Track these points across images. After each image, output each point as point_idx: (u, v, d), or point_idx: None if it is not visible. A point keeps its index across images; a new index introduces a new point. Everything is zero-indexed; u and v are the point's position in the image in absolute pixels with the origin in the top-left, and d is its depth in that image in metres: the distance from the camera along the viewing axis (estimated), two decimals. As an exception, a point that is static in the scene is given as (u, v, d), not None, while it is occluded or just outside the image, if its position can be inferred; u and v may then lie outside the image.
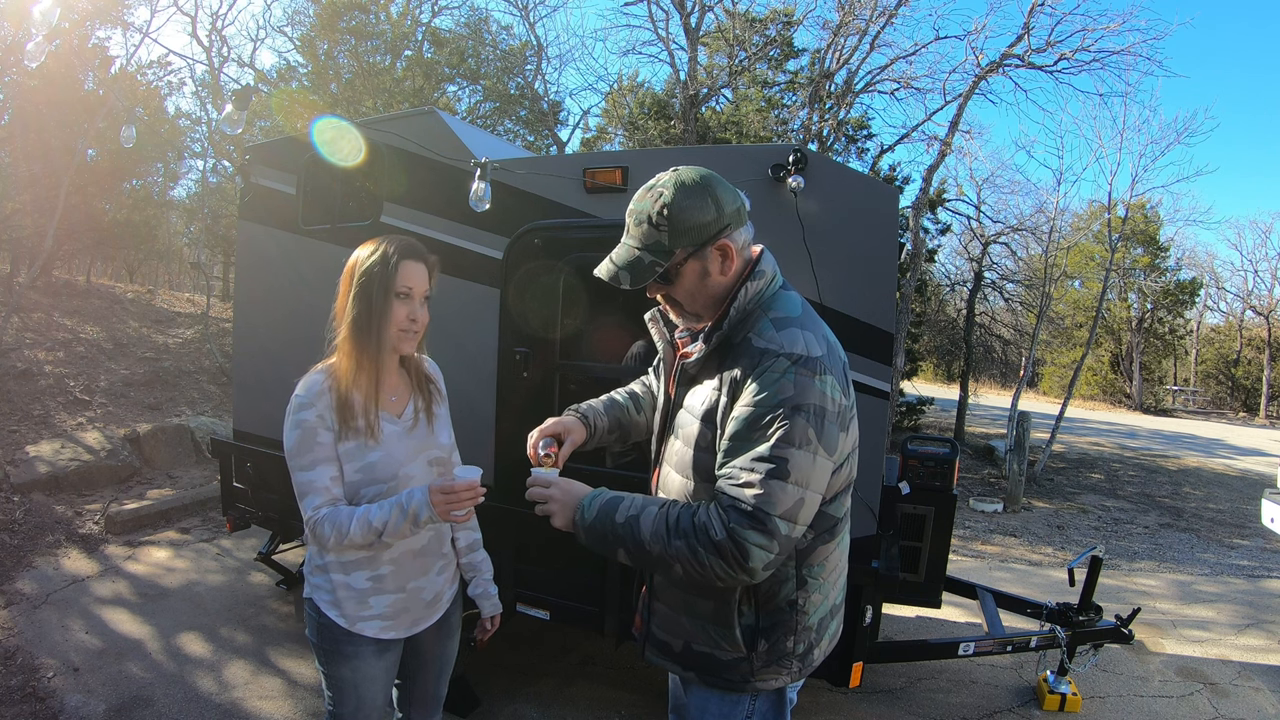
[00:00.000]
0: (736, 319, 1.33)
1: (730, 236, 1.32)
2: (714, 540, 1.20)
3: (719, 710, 1.43)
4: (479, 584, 1.91)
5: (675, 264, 1.31)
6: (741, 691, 1.41)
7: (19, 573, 4.26)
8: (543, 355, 2.93)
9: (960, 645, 3.14)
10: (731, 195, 1.33)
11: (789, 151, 2.52)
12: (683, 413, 1.42)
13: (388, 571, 1.66)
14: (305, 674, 3.32)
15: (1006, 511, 8.03)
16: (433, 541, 1.75)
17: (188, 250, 18.13)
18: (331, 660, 1.68)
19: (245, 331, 3.90)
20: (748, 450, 1.22)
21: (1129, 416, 20.43)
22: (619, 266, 1.34)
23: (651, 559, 1.28)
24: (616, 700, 3.23)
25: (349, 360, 1.59)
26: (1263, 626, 4.52)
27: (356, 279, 1.60)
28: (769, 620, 1.37)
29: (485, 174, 2.77)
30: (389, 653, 1.71)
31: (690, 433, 1.37)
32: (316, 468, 1.56)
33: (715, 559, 1.20)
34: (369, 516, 1.51)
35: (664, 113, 13.14)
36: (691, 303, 1.37)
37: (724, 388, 1.30)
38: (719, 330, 1.33)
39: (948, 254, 17.62)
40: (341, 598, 1.65)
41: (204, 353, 9.35)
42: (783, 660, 1.38)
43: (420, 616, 1.74)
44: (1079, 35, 9.59)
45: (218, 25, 12.12)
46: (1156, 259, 21.93)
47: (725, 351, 1.34)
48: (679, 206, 1.28)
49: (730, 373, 1.29)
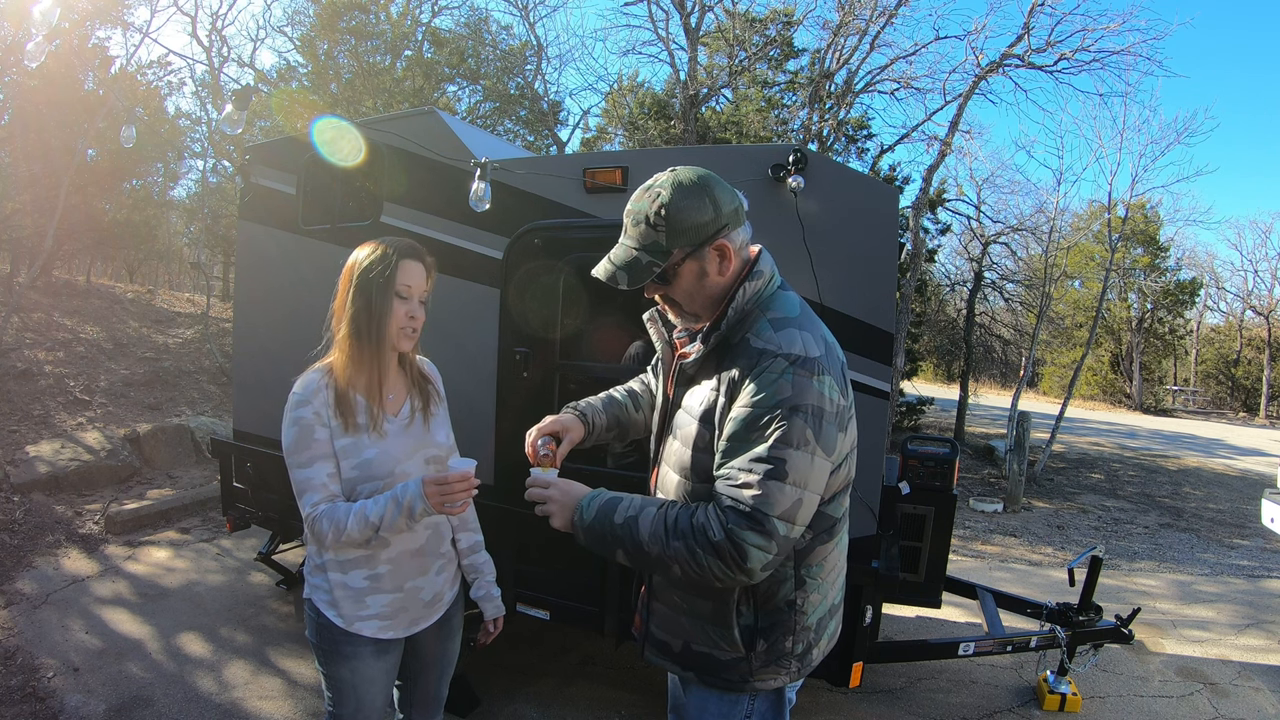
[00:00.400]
0: (734, 319, 1.32)
1: (728, 236, 1.31)
2: (712, 541, 1.20)
3: (718, 710, 1.43)
4: (481, 585, 1.91)
5: (673, 264, 1.31)
6: (740, 691, 1.41)
7: (19, 573, 4.26)
8: (543, 355, 2.93)
9: (960, 645, 3.14)
10: (729, 195, 1.33)
11: (789, 151, 2.52)
12: (681, 413, 1.42)
13: (385, 571, 1.66)
14: (305, 674, 3.32)
15: (1006, 511, 8.03)
16: (431, 541, 1.74)
17: (188, 250, 18.13)
18: (330, 660, 1.67)
19: (245, 331, 3.90)
20: (745, 451, 1.22)
21: (1129, 416, 20.43)
22: (617, 267, 1.34)
23: (650, 560, 1.28)
24: (616, 700, 3.23)
25: (347, 357, 1.60)
26: (1263, 626, 4.52)
27: (356, 278, 1.61)
28: (767, 620, 1.37)
29: (485, 174, 2.77)
30: (388, 654, 1.71)
31: (688, 433, 1.37)
32: (314, 464, 1.57)
33: (713, 560, 1.21)
34: (365, 511, 1.51)
35: (664, 113, 13.13)
36: (690, 303, 1.38)
37: (722, 388, 1.30)
38: (717, 330, 1.33)
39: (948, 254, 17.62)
40: (339, 597, 1.64)
41: (204, 353, 9.35)
42: (781, 660, 1.38)
43: (419, 616, 1.73)
44: (1079, 35, 9.59)
45: (218, 25, 12.13)
46: (1156, 259, 21.91)
47: (723, 352, 1.34)
48: (676, 206, 1.28)
49: (728, 373, 1.29)
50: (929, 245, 13.19)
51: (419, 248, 1.67)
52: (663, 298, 1.41)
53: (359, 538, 1.52)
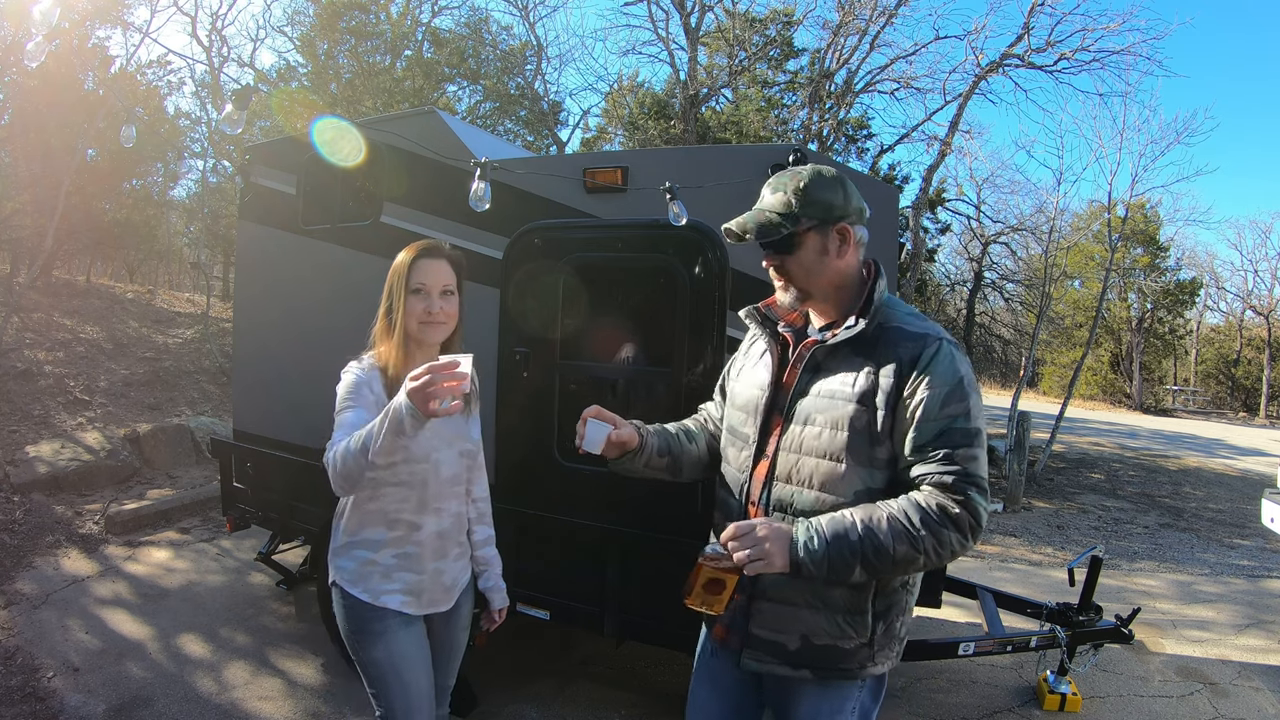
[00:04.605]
0: (878, 308, 1.43)
1: (852, 225, 1.45)
2: (952, 516, 1.29)
3: (831, 706, 1.46)
4: (490, 577, 2.00)
5: (800, 231, 1.42)
6: (855, 679, 1.45)
7: (19, 573, 4.26)
8: (543, 355, 2.93)
9: (960, 645, 3.14)
10: (859, 197, 1.47)
11: (789, 151, 2.52)
12: (814, 399, 1.43)
13: (415, 551, 1.74)
14: (305, 674, 3.32)
15: (1006, 511, 8.02)
16: (454, 526, 1.84)
17: (188, 250, 18.10)
18: (363, 644, 1.73)
19: (245, 331, 3.90)
20: (949, 425, 1.32)
21: (1129, 416, 20.42)
22: (749, 222, 1.44)
23: (894, 561, 1.30)
24: (616, 700, 3.23)
25: (383, 347, 1.74)
26: (1263, 626, 4.52)
27: (387, 279, 1.76)
28: (885, 603, 1.43)
29: (485, 174, 2.76)
30: (414, 625, 1.77)
31: (839, 416, 1.38)
32: (356, 409, 1.63)
33: (955, 534, 1.29)
34: (360, 434, 1.50)
35: (664, 113, 13.13)
36: (805, 278, 1.45)
37: (885, 369, 1.37)
38: (866, 317, 1.41)
39: (948, 254, 17.65)
40: (366, 572, 1.73)
41: (204, 353, 9.34)
42: (892, 643, 1.46)
43: (437, 598, 1.81)
44: (1079, 35, 9.62)
45: (218, 25, 12.14)
46: (1156, 259, 21.90)
47: (861, 340, 1.41)
48: (813, 184, 1.42)
49: (891, 356, 1.37)
50: (929, 245, 13.20)
51: (438, 245, 1.78)
52: (777, 269, 1.48)
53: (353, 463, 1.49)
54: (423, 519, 1.74)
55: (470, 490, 1.93)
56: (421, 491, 1.74)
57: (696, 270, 2.66)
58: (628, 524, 2.75)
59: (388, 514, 1.73)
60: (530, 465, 2.97)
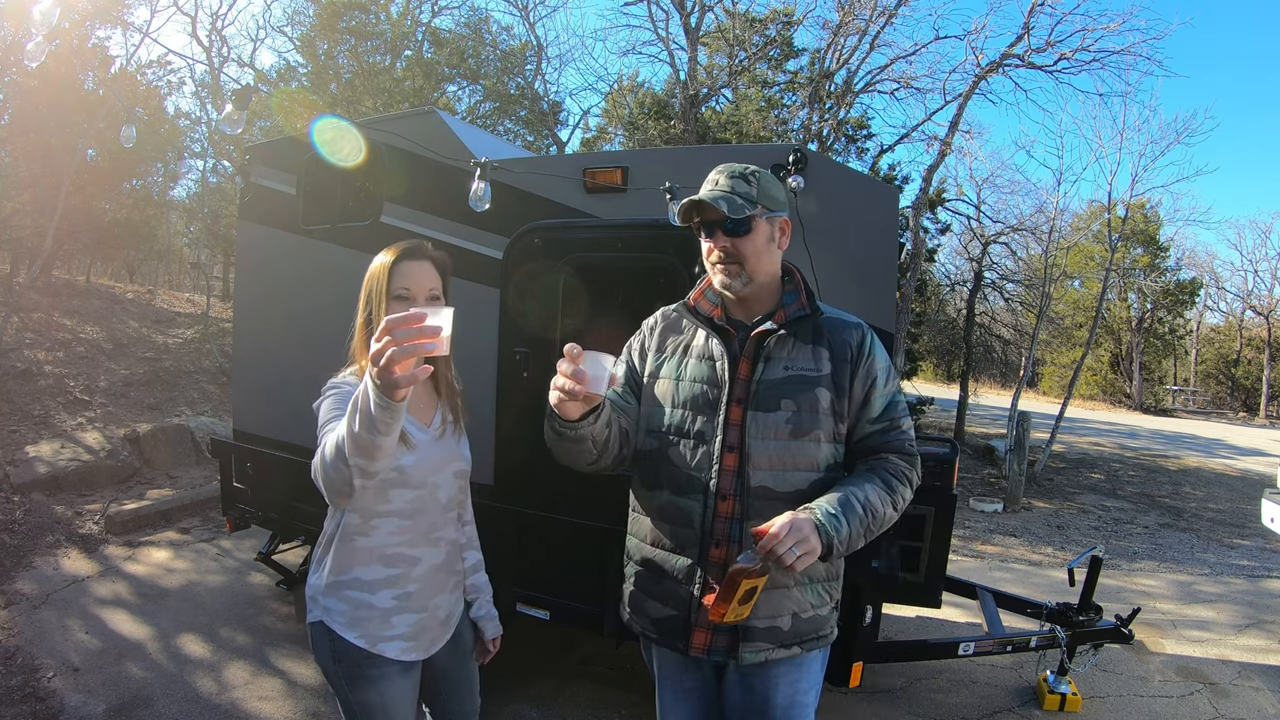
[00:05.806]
0: (813, 297, 1.57)
1: (788, 221, 1.57)
2: (909, 477, 1.52)
3: (810, 679, 1.58)
4: (481, 605, 1.86)
5: (756, 215, 1.49)
6: (825, 644, 1.58)
7: (19, 573, 4.26)
8: (543, 355, 2.93)
9: (960, 645, 3.14)
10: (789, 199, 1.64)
11: (789, 151, 2.53)
12: (781, 384, 1.49)
13: (414, 590, 1.60)
14: (305, 674, 3.32)
15: (1006, 511, 8.02)
16: (450, 556, 1.70)
17: (188, 250, 18.10)
18: (355, 686, 1.58)
19: (245, 331, 3.90)
20: (892, 398, 1.54)
21: (1129, 416, 20.43)
22: (718, 195, 1.48)
23: (883, 524, 1.47)
24: (616, 700, 3.23)
25: (364, 361, 1.55)
26: (1263, 626, 4.52)
27: (364, 285, 1.60)
28: (838, 567, 1.61)
29: (485, 174, 2.77)
30: (412, 671, 1.64)
31: (809, 397, 1.49)
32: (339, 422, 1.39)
33: (910, 490, 1.52)
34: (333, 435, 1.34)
35: (664, 113, 13.12)
36: (754, 262, 1.51)
37: (838, 354, 1.51)
38: (811, 307, 1.54)
39: (948, 254, 17.60)
40: (362, 617, 1.56)
41: (204, 353, 9.34)
42: (839, 602, 1.62)
43: (437, 636, 1.68)
44: (1079, 35, 9.59)
45: (218, 25, 12.15)
46: (1156, 259, 21.89)
47: (805, 327, 1.53)
48: (766, 177, 1.54)
49: (836, 340, 1.52)
50: (929, 245, 13.17)
51: (421, 246, 1.62)
52: (724, 251, 1.51)
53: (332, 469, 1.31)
54: (421, 552, 1.59)
55: (460, 515, 1.77)
56: (420, 521, 1.59)
57: (696, 270, 2.66)
58: (628, 524, 2.75)
59: (384, 549, 1.56)
60: (530, 465, 2.97)
